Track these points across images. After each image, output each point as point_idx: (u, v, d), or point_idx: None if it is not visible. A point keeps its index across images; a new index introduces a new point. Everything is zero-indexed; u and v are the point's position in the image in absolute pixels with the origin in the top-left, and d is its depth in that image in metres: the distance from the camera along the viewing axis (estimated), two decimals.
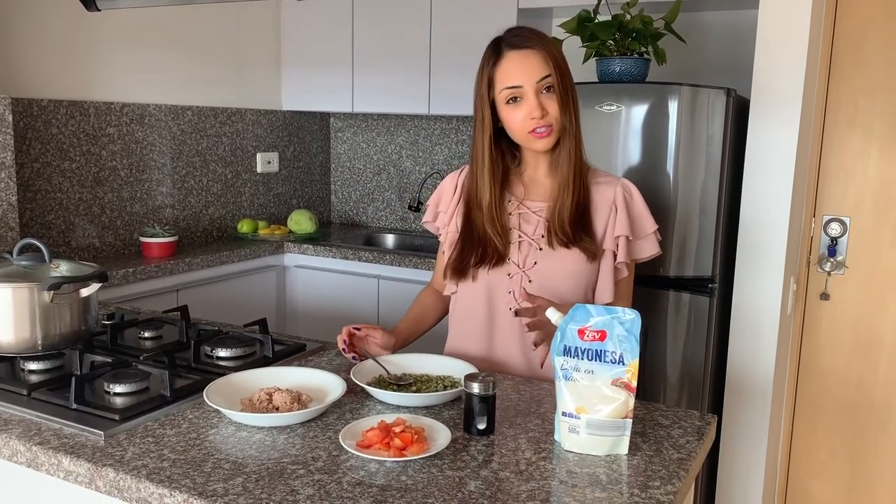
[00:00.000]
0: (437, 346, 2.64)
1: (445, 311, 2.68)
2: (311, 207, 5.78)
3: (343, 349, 2.44)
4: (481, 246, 2.44)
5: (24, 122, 3.81)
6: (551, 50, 2.35)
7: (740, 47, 4.14)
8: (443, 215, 2.59)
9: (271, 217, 5.44)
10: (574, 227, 2.39)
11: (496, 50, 2.37)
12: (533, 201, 2.47)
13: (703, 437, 2.06)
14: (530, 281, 2.41)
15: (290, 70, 5.38)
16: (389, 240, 5.39)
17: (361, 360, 2.39)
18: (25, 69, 3.82)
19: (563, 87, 2.34)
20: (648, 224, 2.47)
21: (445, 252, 2.56)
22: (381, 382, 2.23)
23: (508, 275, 2.44)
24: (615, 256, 2.43)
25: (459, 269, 2.48)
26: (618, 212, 2.42)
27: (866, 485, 3.97)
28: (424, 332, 2.68)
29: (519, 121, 2.34)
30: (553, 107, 2.33)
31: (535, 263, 2.42)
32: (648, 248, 2.47)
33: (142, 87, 4.44)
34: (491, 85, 2.37)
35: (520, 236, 2.44)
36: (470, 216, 2.47)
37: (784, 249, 3.37)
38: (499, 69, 2.35)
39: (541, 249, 2.42)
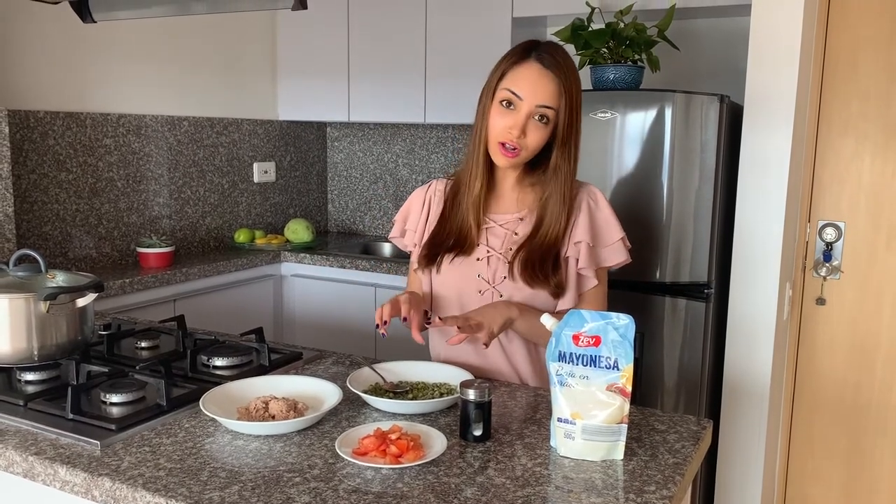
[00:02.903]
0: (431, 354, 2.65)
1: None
2: (308, 217, 5.79)
3: (379, 325, 2.38)
4: (458, 230, 2.45)
5: (21, 133, 3.82)
6: (570, 85, 2.30)
7: (733, 54, 4.15)
8: (411, 234, 2.58)
9: (268, 227, 5.44)
10: (539, 267, 2.36)
11: (525, 51, 2.32)
12: (498, 214, 2.45)
13: (699, 442, 2.06)
14: (501, 296, 2.41)
15: (286, 80, 5.39)
16: (386, 248, 5.39)
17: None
18: (22, 81, 3.83)
19: (566, 125, 2.32)
20: (614, 231, 2.42)
21: (418, 272, 2.55)
22: (378, 390, 2.24)
23: (479, 292, 2.43)
24: (577, 263, 2.41)
25: (430, 256, 2.48)
26: (579, 218, 2.39)
27: (865, 489, 3.96)
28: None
29: (498, 127, 2.30)
30: (534, 137, 2.30)
31: (504, 279, 2.40)
32: (614, 257, 2.42)
33: (138, 98, 4.45)
34: (502, 77, 2.31)
35: (488, 252, 2.42)
36: (455, 200, 2.47)
37: (779, 255, 3.37)
38: (515, 70, 2.30)
39: (508, 263, 2.40)
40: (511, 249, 2.40)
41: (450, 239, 2.46)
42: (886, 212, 3.76)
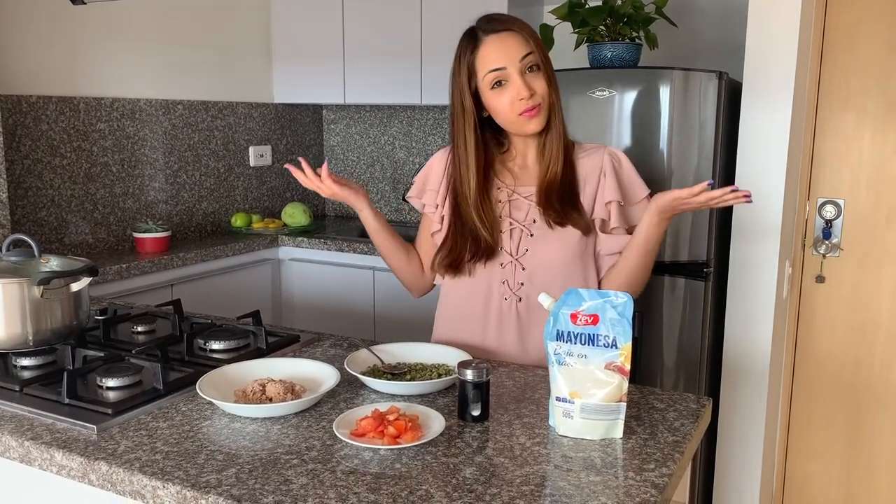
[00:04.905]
0: (431, 335, 2.64)
1: (414, 272, 2.65)
2: (305, 200, 5.77)
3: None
4: (472, 239, 2.42)
5: (14, 119, 3.80)
6: (529, 29, 2.34)
7: (732, 30, 4.14)
8: (431, 193, 2.56)
9: (265, 211, 5.44)
10: (563, 203, 2.37)
11: (472, 38, 2.35)
12: (524, 187, 2.45)
13: (698, 420, 2.06)
14: (524, 269, 2.41)
15: (281, 62, 5.37)
16: None
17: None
18: (13, 66, 3.81)
19: (546, 67, 2.33)
20: (640, 190, 2.44)
21: (435, 235, 2.54)
22: (376, 372, 2.24)
23: (501, 264, 2.42)
24: (607, 223, 2.42)
25: (453, 265, 2.46)
26: (606, 178, 2.40)
27: (864, 466, 3.97)
28: (390, 255, 2.65)
29: (507, 104, 2.31)
30: (540, 85, 2.31)
31: (527, 251, 2.40)
32: (642, 214, 2.41)
33: (132, 82, 4.43)
34: (472, 73, 2.35)
35: (511, 224, 2.42)
36: (458, 209, 2.45)
37: (779, 232, 3.37)
38: (479, 55, 2.33)
39: (532, 235, 2.40)
40: (535, 221, 2.41)
41: (469, 247, 2.45)
42: (887, 189, 3.75)
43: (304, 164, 2.41)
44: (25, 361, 2.26)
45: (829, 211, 3.86)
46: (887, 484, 3.95)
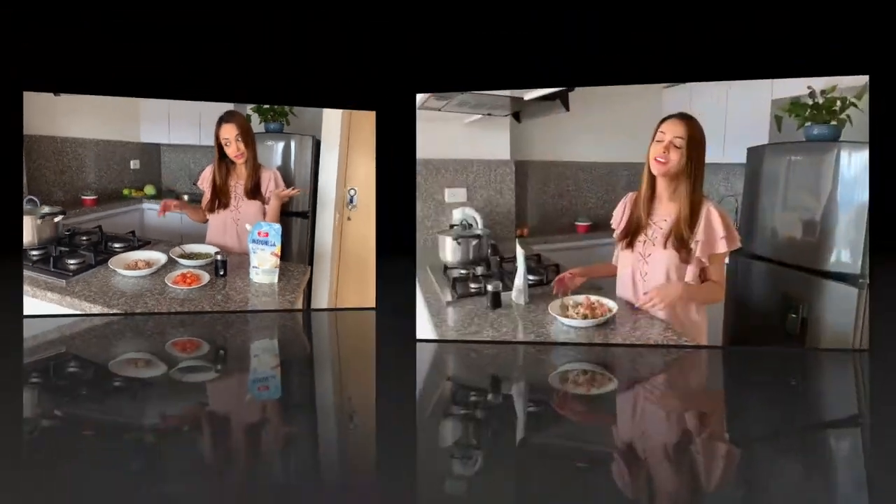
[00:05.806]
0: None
1: (201, 215, 2.55)
2: (154, 183, 5.16)
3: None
4: (219, 201, 2.50)
5: (28, 145, 3.13)
6: (241, 122, 2.45)
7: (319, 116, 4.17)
8: (205, 181, 2.55)
9: (137, 187, 4.77)
10: (253, 194, 2.47)
11: (219, 121, 2.45)
12: (238, 183, 2.52)
13: (304, 276, 2.39)
14: (240, 213, 2.46)
15: (146, 122, 4.61)
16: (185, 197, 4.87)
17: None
18: (29, 120, 3.23)
19: (245, 139, 2.46)
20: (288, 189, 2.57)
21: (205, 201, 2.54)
22: (183, 256, 2.26)
23: (231, 211, 2.46)
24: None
25: (209, 209, 2.49)
26: (272, 183, 2.53)
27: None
28: (193, 215, 2.55)
29: (230, 152, 2.43)
30: (241, 147, 2.45)
31: (240, 207, 2.47)
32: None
33: (83, 129, 3.82)
34: (217, 136, 2.44)
35: (234, 197, 2.50)
36: (214, 188, 2.50)
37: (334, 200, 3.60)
38: (221, 129, 2.41)
39: (244, 201, 2.48)
40: (244, 197, 2.46)
41: (217, 203, 2.48)
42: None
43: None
44: (34, 253, 2.17)
45: (352, 191, 4.01)
46: None
